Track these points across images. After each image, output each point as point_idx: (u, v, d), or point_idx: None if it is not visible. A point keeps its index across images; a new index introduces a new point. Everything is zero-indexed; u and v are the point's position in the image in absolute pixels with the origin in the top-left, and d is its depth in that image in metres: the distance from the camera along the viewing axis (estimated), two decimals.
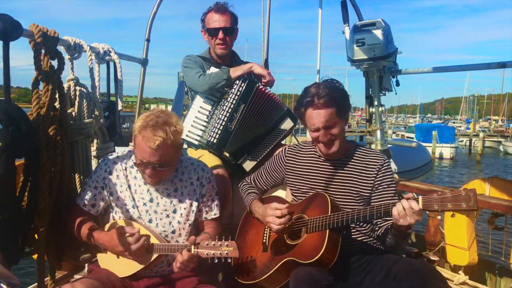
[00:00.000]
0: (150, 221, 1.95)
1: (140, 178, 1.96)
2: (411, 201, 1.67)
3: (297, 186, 2.17)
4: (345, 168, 2.07)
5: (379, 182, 2.01)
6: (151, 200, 1.95)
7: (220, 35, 2.77)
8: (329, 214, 1.87)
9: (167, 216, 1.96)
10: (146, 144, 1.74)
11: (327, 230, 1.83)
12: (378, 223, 2.01)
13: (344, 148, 2.08)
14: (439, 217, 2.99)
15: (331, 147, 1.99)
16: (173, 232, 1.97)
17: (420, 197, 1.68)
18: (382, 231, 1.96)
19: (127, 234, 1.79)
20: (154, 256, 1.87)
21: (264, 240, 2.13)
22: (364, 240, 2.06)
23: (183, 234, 1.99)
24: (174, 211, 1.97)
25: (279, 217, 1.97)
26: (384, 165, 2.03)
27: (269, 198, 2.32)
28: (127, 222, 1.94)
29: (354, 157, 2.07)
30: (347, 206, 2.00)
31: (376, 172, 2.02)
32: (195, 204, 2.01)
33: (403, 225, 1.69)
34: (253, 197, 2.25)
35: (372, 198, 2.02)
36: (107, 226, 1.98)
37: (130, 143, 3.24)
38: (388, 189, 2.00)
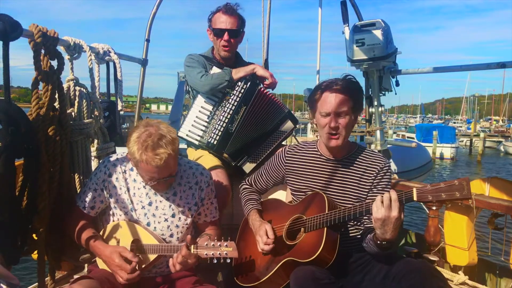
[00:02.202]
0: (148, 224, 1.95)
1: (139, 181, 1.95)
2: (392, 192, 1.70)
3: (296, 186, 2.16)
4: (345, 169, 2.06)
5: (376, 183, 2.02)
6: (150, 204, 1.95)
7: (225, 36, 2.76)
8: (327, 212, 1.87)
9: (166, 220, 1.96)
10: (152, 164, 1.73)
11: (325, 228, 1.84)
12: (366, 223, 1.99)
13: (346, 148, 2.08)
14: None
15: (336, 137, 1.97)
16: (171, 235, 1.97)
17: (414, 189, 1.68)
18: (365, 231, 1.95)
19: (127, 257, 1.80)
20: (154, 256, 1.87)
21: None
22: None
23: (181, 237, 1.99)
24: (173, 215, 1.97)
25: (266, 243, 1.98)
26: (384, 168, 2.03)
27: (268, 202, 2.33)
28: (128, 224, 1.94)
29: (355, 159, 2.06)
30: (345, 207, 1.99)
31: (375, 174, 2.02)
32: (194, 208, 2.01)
33: (380, 229, 1.70)
34: (252, 207, 2.24)
35: (367, 199, 2.01)
36: (107, 228, 1.98)
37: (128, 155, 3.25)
38: (382, 191, 1.98)
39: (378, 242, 1.76)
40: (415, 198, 1.66)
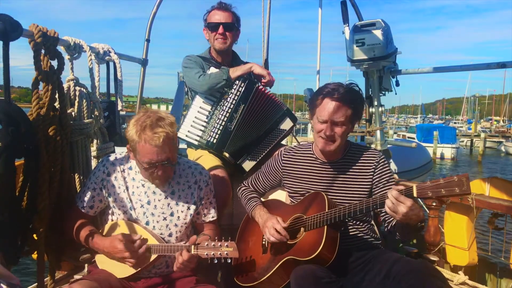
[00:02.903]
0: (147, 223, 1.95)
1: (138, 180, 1.96)
2: (392, 191, 1.69)
3: (293, 189, 2.17)
4: (342, 170, 2.07)
5: (378, 178, 2.03)
6: (148, 202, 1.95)
7: (220, 29, 2.79)
8: (327, 210, 1.88)
9: (164, 219, 1.96)
10: (151, 144, 1.74)
11: (325, 226, 1.85)
12: (386, 219, 2.00)
13: (341, 151, 2.09)
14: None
15: (330, 144, 1.99)
16: (170, 235, 1.97)
17: (414, 186, 1.69)
18: (391, 225, 1.96)
19: (129, 239, 1.80)
20: (153, 257, 1.87)
21: (263, 242, 2.13)
22: (363, 239, 2.06)
23: (180, 237, 1.99)
24: (171, 214, 1.97)
25: (277, 231, 1.96)
26: (380, 161, 2.05)
27: (268, 202, 2.32)
28: (127, 223, 1.94)
29: (350, 158, 2.08)
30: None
31: (373, 169, 2.04)
32: (192, 207, 2.01)
33: (401, 218, 1.69)
34: (256, 202, 2.25)
35: (373, 195, 2.02)
36: (106, 227, 1.98)
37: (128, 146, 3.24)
38: (387, 184, 2.02)
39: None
40: (415, 195, 1.67)
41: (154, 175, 1.86)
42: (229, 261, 1.82)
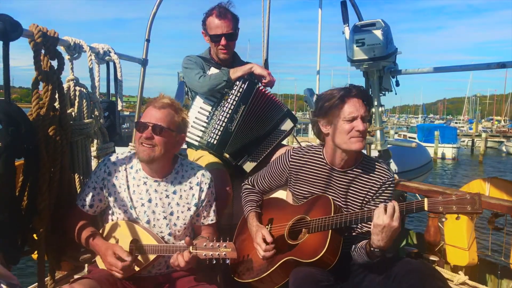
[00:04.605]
0: (148, 221, 1.96)
1: (138, 178, 1.96)
2: (394, 202, 1.71)
3: (299, 191, 2.15)
4: (350, 180, 2.03)
5: (378, 195, 1.99)
6: (149, 201, 1.96)
7: (223, 41, 2.77)
8: (332, 215, 1.87)
9: (165, 218, 1.97)
10: (153, 105, 1.88)
11: (330, 231, 1.84)
12: (358, 229, 1.98)
13: (354, 158, 2.03)
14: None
15: (362, 141, 1.91)
16: (170, 234, 1.98)
17: (425, 199, 1.69)
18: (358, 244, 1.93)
19: (120, 255, 1.80)
20: (153, 257, 1.88)
21: None
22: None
23: (179, 236, 2.00)
24: (171, 213, 1.98)
25: (266, 250, 1.96)
26: (387, 182, 1.98)
27: (271, 200, 2.32)
28: (127, 223, 1.94)
29: (360, 171, 2.02)
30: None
31: (378, 187, 1.99)
32: (193, 208, 2.01)
33: (377, 235, 1.70)
34: (251, 209, 2.22)
35: (366, 207, 1.99)
36: (107, 227, 1.98)
37: (130, 143, 3.25)
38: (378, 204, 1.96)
39: (372, 249, 1.76)
40: (426, 208, 1.67)
41: (140, 139, 1.86)
42: (227, 261, 1.82)
